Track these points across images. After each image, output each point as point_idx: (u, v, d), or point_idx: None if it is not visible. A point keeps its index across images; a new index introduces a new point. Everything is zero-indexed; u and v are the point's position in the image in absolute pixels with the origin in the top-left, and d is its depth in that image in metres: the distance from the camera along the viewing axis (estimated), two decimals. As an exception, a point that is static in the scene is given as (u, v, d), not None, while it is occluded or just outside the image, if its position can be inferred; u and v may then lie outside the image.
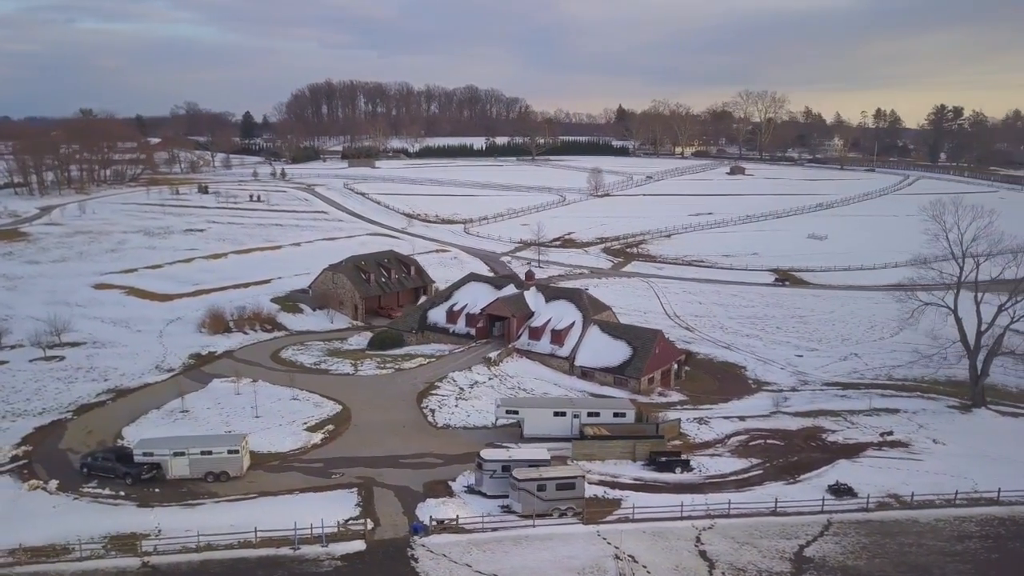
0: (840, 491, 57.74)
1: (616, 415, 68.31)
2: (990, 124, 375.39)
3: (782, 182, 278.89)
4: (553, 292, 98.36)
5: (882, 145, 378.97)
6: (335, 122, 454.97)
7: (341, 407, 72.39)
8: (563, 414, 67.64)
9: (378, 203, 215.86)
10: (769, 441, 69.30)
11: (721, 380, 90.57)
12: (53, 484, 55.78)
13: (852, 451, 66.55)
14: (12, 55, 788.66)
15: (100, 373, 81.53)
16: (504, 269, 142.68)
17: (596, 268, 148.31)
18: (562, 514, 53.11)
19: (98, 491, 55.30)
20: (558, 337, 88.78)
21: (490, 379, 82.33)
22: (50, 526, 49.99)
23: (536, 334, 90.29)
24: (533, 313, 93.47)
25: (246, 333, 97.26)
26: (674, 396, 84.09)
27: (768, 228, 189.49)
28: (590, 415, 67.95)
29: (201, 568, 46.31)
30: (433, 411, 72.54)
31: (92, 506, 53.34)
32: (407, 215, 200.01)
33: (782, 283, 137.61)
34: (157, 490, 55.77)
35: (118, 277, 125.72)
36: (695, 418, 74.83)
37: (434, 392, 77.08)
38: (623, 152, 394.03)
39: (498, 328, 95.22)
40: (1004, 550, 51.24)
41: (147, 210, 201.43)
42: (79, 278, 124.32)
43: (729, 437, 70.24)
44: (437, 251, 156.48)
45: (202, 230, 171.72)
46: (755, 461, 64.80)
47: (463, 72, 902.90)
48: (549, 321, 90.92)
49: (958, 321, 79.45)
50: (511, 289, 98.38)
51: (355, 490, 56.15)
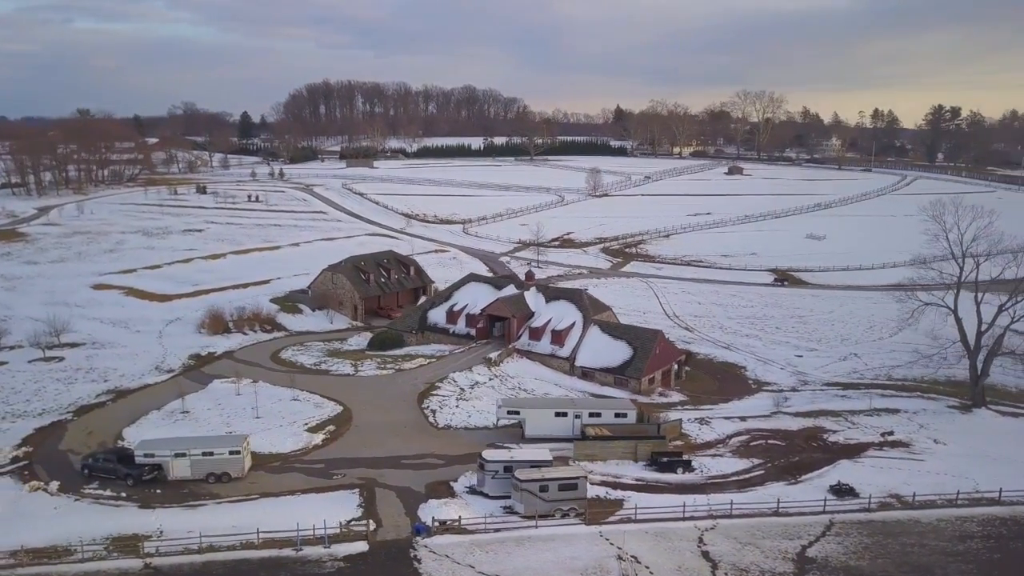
0: (842, 491, 57.78)
1: (618, 415, 68.28)
2: (987, 124, 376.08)
3: (780, 182, 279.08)
4: (553, 292, 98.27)
5: (880, 145, 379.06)
6: (333, 122, 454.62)
7: (342, 408, 72.30)
8: (565, 415, 67.59)
9: (376, 203, 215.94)
10: (770, 441, 69.30)
11: (721, 380, 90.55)
12: (54, 485, 55.66)
13: (853, 451, 66.57)
14: (9, 55, 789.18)
15: (100, 374, 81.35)
16: (503, 269, 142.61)
17: (595, 268, 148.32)
18: (564, 515, 53.09)
19: (99, 492, 55.19)
20: (558, 337, 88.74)
21: (490, 379, 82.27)
22: (51, 527, 49.86)
23: (536, 334, 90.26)
24: (533, 313, 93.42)
25: (245, 334, 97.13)
26: (675, 396, 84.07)
27: (766, 228, 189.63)
28: (591, 416, 67.90)
29: (203, 569, 46.25)
30: (434, 412, 72.48)
31: (93, 507, 53.24)
32: (406, 215, 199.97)
33: (781, 283, 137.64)
34: (158, 491, 55.68)
35: (117, 277, 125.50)
36: (696, 418, 74.79)
37: (435, 393, 77.03)
38: (621, 152, 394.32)
39: (498, 328, 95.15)
40: (1006, 550, 51.32)
41: (145, 210, 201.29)
42: (78, 278, 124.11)
43: (730, 437, 70.22)
44: (436, 251, 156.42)
45: (200, 230, 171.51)
46: (756, 461, 64.82)
47: (461, 72, 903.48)
48: (549, 321, 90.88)
49: (958, 321, 79.48)
50: (511, 289, 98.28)
51: (357, 491, 56.08)
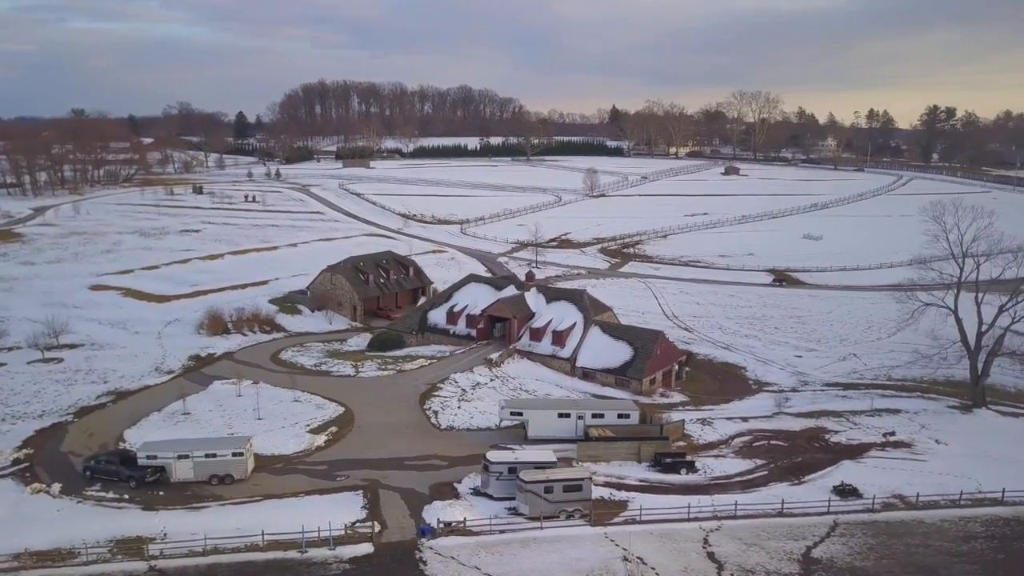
0: (845, 492, 57.83)
1: (620, 416, 68.28)
2: (982, 125, 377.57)
3: (776, 182, 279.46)
4: (554, 293, 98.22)
5: (875, 145, 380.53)
6: (329, 122, 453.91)
7: (344, 409, 72.13)
8: (568, 415, 67.54)
9: (374, 203, 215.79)
10: (772, 442, 69.32)
11: (722, 381, 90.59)
12: (56, 487, 55.40)
13: (855, 452, 66.64)
14: (2, 54, 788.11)
15: (99, 375, 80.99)
16: (501, 270, 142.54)
17: (593, 269, 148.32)
18: (569, 516, 53.02)
19: (102, 494, 54.91)
20: (559, 338, 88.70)
21: (492, 380, 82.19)
22: (54, 530, 49.58)
23: (537, 335, 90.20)
24: (534, 314, 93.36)
25: (245, 335, 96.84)
26: (676, 397, 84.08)
27: (763, 228, 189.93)
28: (595, 416, 67.87)
29: (208, 572, 46.04)
30: (436, 413, 72.37)
31: (96, 509, 52.94)
32: (403, 216, 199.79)
33: (780, 283, 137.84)
34: (161, 493, 55.45)
35: (114, 278, 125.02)
36: (698, 419, 74.78)
37: (436, 394, 76.92)
38: (617, 152, 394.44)
39: (499, 329, 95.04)
40: (1010, 550, 51.41)
41: (142, 211, 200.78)
42: (75, 279, 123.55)
43: (733, 438, 70.23)
44: (434, 252, 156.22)
45: (198, 231, 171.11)
46: (759, 462, 64.82)
47: (456, 72, 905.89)
48: (550, 322, 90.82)
49: (959, 321, 79.63)
50: (511, 290, 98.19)
51: (361, 492, 55.95)
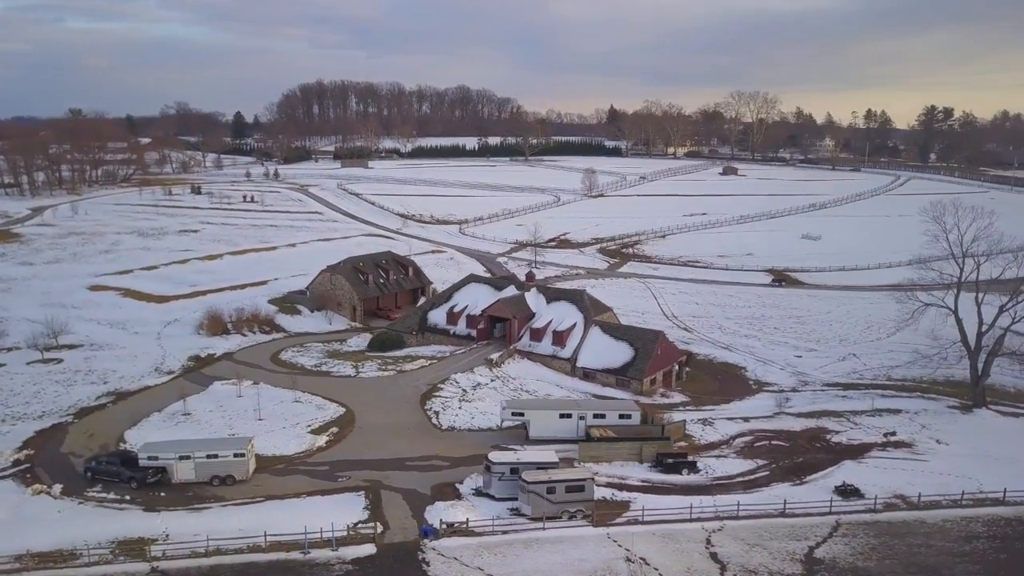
0: (847, 492, 57.85)
1: (622, 417, 68.28)
2: (979, 125, 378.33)
3: (774, 182, 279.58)
4: (554, 293, 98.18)
5: (873, 145, 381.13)
6: (327, 122, 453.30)
7: (344, 409, 72.02)
8: (569, 416, 67.49)
9: (372, 204, 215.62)
10: (774, 442, 69.32)
11: (722, 381, 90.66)
12: (57, 488, 55.22)
13: (857, 452, 66.65)
14: (0, 54, 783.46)
15: (99, 376, 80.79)
16: (500, 270, 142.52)
17: (592, 269, 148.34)
18: (572, 516, 52.97)
19: (103, 495, 54.72)
20: (560, 338, 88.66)
21: (492, 381, 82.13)
22: (56, 531, 49.41)
23: (537, 335, 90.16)
24: (534, 314, 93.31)
25: (244, 335, 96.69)
26: (676, 397, 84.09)
27: (762, 228, 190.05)
28: (596, 417, 67.84)
29: (211, 573, 45.97)
30: (437, 413, 72.30)
31: (97, 511, 52.78)
32: (402, 216, 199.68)
33: (779, 283, 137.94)
34: (163, 494, 55.28)
35: (113, 279, 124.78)
36: (699, 419, 74.77)
37: (437, 394, 76.85)
38: (616, 152, 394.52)
39: (499, 329, 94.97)
40: (1012, 550, 51.48)
41: (140, 211, 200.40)
42: (74, 279, 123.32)
43: (734, 438, 70.24)
44: (433, 252, 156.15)
45: (196, 231, 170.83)
46: (761, 462, 64.80)
47: (454, 72, 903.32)
48: (550, 322, 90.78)
49: (959, 322, 79.69)
50: (511, 290, 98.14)
51: (362, 493, 55.83)
